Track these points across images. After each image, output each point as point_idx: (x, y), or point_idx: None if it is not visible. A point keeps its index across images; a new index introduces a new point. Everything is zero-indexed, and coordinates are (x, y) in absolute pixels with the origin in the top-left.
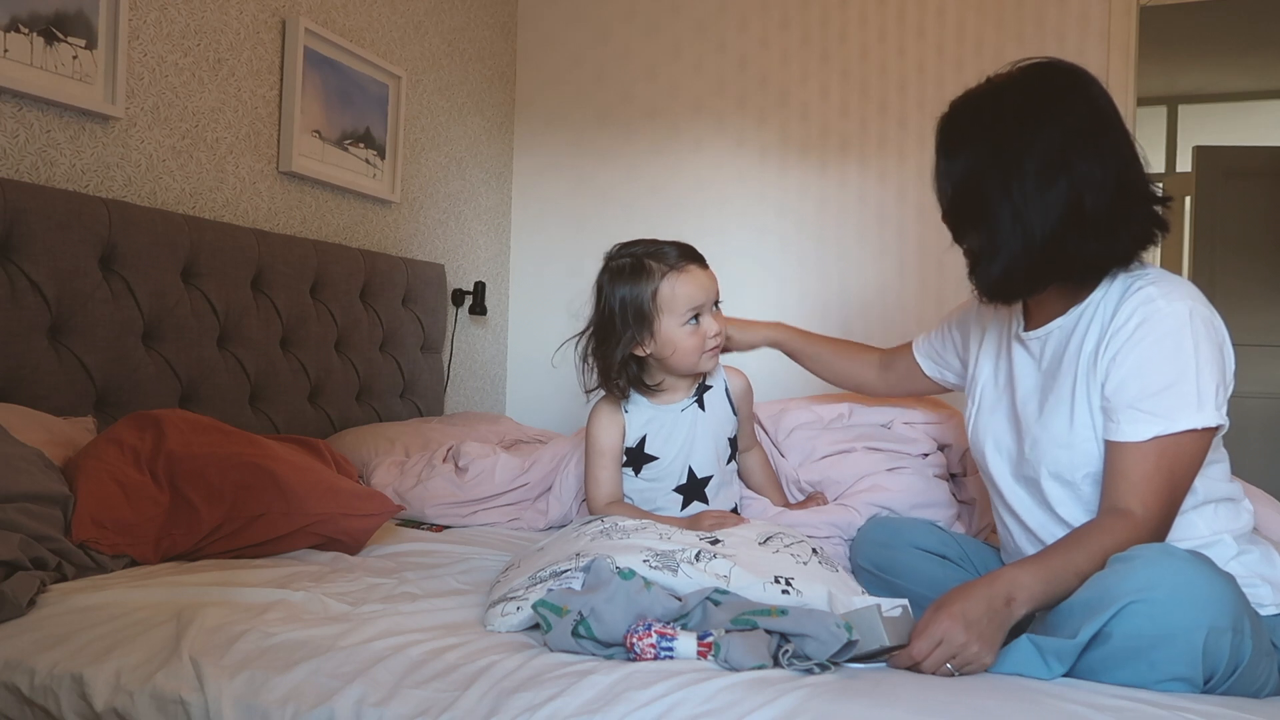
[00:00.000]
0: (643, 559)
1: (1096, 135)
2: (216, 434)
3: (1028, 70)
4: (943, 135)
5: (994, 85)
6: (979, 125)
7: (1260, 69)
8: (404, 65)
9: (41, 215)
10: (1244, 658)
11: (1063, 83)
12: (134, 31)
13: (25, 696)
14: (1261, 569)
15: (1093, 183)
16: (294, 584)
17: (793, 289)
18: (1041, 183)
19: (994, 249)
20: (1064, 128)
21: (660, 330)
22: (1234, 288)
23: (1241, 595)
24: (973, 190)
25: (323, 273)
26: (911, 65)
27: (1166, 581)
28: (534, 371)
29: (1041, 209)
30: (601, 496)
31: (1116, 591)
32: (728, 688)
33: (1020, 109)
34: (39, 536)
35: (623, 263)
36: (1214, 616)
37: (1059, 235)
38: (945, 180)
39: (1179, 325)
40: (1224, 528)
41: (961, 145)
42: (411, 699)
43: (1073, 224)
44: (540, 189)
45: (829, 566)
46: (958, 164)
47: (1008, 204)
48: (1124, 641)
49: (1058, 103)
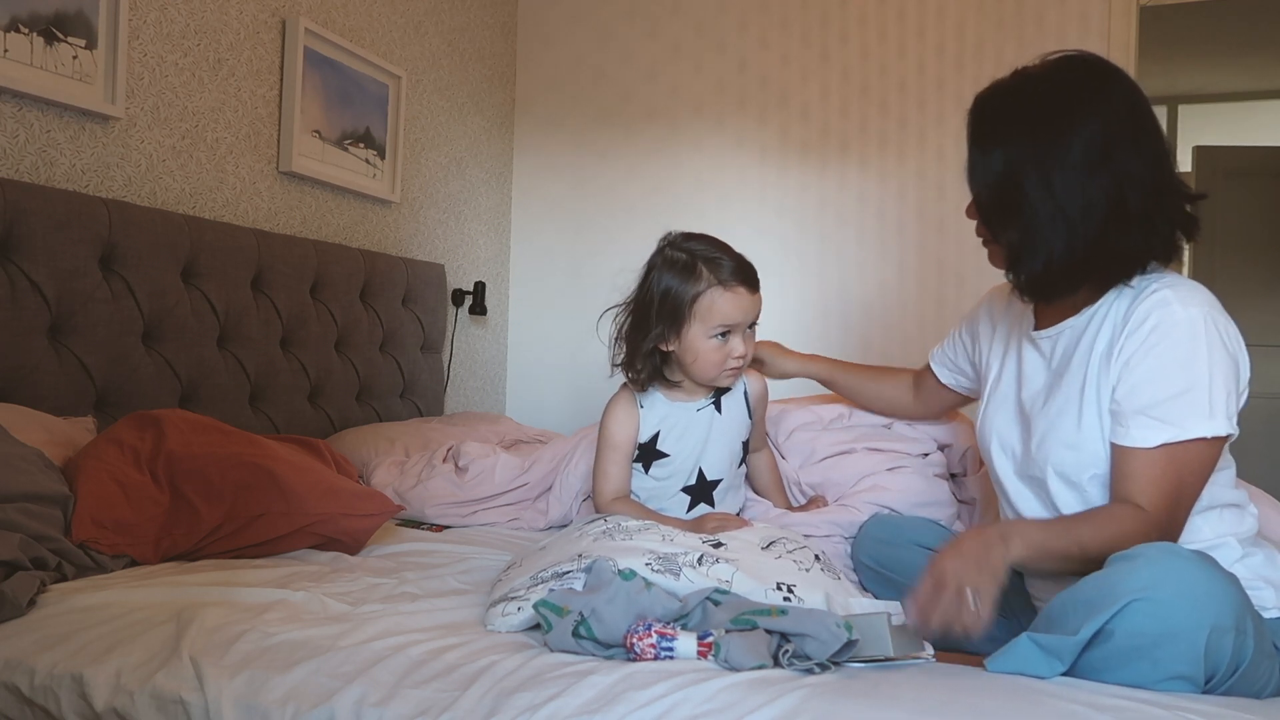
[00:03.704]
0: (645, 561)
1: (1136, 130)
2: (216, 434)
3: (1060, 63)
4: (977, 128)
5: (1027, 77)
6: (1017, 118)
7: (1260, 69)
8: (404, 65)
9: (41, 215)
10: (1245, 658)
11: (1100, 75)
12: (134, 31)
13: (25, 696)
14: (1265, 572)
15: (1134, 178)
16: (294, 584)
17: (793, 289)
18: (1084, 176)
19: (1035, 245)
20: (1105, 121)
21: (687, 335)
22: (1234, 288)
23: (1244, 596)
24: (1013, 185)
25: (323, 273)
26: (911, 65)
27: (1170, 580)
28: (534, 371)
29: (1084, 204)
30: (609, 491)
31: (1119, 590)
32: (728, 688)
33: (1061, 101)
34: (39, 536)
35: (678, 256)
36: (1217, 616)
37: (1101, 231)
38: (982, 174)
39: (1194, 332)
40: (1228, 531)
41: (999, 138)
42: (411, 699)
43: (1115, 220)
44: (540, 189)
45: (831, 573)
46: (996, 157)
47: (1050, 199)
48: (1126, 640)
49: (1097, 95)
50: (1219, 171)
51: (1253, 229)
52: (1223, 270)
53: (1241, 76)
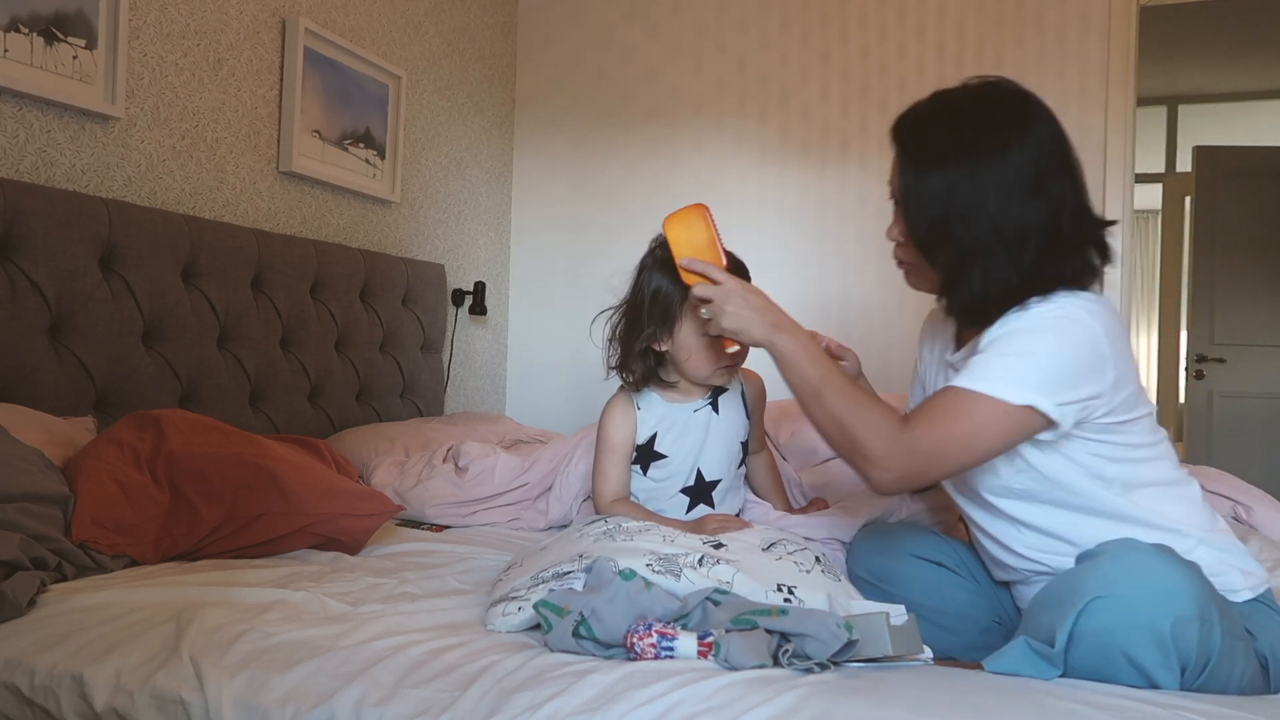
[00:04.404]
0: (645, 562)
1: (1063, 156)
2: (216, 434)
3: (987, 87)
4: (911, 151)
5: (952, 101)
6: (954, 141)
7: (1260, 69)
8: (404, 65)
9: (41, 215)
10: (1214, 646)
11: (1026, 102)
12: (134, 31)
13: (25, 696)
14: (1229, 557)
15: (1066, 203)
16: (294, 584)
17: (793, 289)
18: (1023, 201)
19: (972, 269)
20: (1039, 146)
21: (679, 333)
22: (1234, 288)
23: (1206, 584)
24: (951, 209)
25: (323, 273)
26: (911, 65)
27: (1129, 576)
28: (534, 371)
29: (1022, 228)
30: (608, 493)
31: (1083, 588)
32: (727, 686)
33: (996, 125)
34: (39, 536)
35: (668, 255)
36: (1178, 606)
37: (1038, 255)
38: (919, 198)
39: (1038, 320)
40: (1181, 516)
41: (935, 162)
42: (411, 699)
43: (1051, 244)
44: (540, 189)
45: (831, 575)
46: (934, 181)
47: (988, 223)
48: (1095, 639)
49: (1028, 120)
50: (1219, 171)
51: (1253, 229)
52: (1223, 270)
53: (1241, 76)
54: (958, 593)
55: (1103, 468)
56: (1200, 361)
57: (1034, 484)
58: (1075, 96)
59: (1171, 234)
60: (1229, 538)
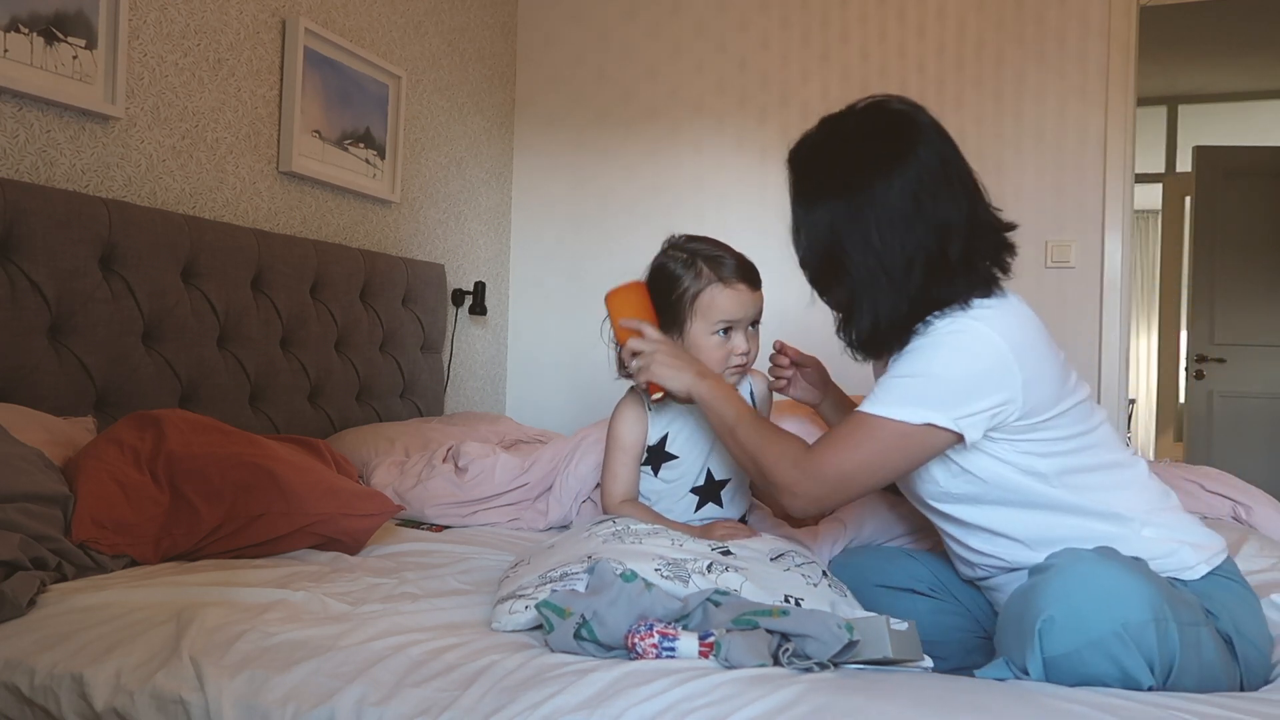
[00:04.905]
0: (654, 567)
1: (946, 175)
2: (216, 434)
3: (868, 112)
4: (796, 185)
5: (834, 130)
6: (831, 173)
7: (1260, 69)
8: (404, 65)
9: (41, 215)
10: (1174, 643)
11: (907, 124)
12: (134, 31)
13: (25, 696)
14: (1178, 533)
15: (951, 226)
16: (294, 584)
17: (793, 290)
18: (903, 231)
19: (862, 304)
20: (916, 173)
21: (689, 332)
22: (1234, 288)
23: (1155, 581)
24: (834, 243)
25: (323, 273)
26: (911, 65)
27: (1077, 588)
28: (534, 371)
29: (906, 259)
30: (617, 493)
31: (1036, 606)
32: (727, 682)
33: (870, 155)
34: (39, 536)
35: (679, 255)
36: (1130, 613)
37: (925, 284)
38: (806, 234)
39: (934, 337)
40: (1125, 500)
41: (815, 196)
42: (412, 699)
43: (936, 269)
44: (540, 189)
45: (838, 590)
46: (816, 216)
47: (871, 256)
48: (1064, 663)
49: (906, 145)
50: (1219, 171)
51: (1253, 229)
52: (1223, 270)
53: (1241, 76)
54: (937, 617)
55: (1034, 464)
56: (1200, 361)
57: (972, 487)
58: (1075, 96)
59: (1171, 234)
60: (1177, 514)
